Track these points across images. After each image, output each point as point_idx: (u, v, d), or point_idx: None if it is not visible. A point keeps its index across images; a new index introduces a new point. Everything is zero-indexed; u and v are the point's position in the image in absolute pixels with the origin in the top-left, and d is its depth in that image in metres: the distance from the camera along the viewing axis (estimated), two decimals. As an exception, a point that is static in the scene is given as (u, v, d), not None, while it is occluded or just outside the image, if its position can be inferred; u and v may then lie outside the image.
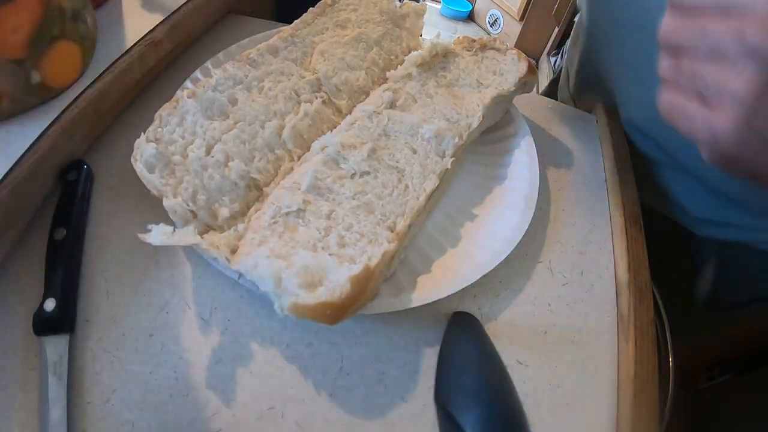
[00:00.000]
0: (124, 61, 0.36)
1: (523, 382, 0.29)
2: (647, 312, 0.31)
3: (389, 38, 0.41)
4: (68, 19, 0.33)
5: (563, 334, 0.31)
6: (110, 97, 0.36)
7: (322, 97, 0.36)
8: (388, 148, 0.33)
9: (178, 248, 0.32)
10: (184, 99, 0.32)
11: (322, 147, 0.32)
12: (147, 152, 0.29)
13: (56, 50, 0.32)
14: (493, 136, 0.40)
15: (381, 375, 0.28)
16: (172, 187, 0.28)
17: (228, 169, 0.30)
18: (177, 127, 0.31)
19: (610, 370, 0.30)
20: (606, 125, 0.44)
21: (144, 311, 0.29)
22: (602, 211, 0.39)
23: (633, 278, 0.33)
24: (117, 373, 0.27)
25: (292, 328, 0.30)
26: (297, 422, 0.26)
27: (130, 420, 0.25)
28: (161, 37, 0.39)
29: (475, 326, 0.30)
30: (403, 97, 0.36)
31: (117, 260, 0.31)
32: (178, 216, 0.28)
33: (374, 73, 0.39)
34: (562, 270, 0.34)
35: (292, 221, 0.28)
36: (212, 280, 0.31)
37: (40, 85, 0.32)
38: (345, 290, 0.24)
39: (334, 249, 0.27)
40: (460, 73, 0.39)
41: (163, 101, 0.32)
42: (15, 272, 0.29)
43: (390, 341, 0.30)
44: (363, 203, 0.29)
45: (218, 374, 0.27)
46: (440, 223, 0.34)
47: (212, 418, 0.26)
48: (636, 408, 0.27)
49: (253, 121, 0.32)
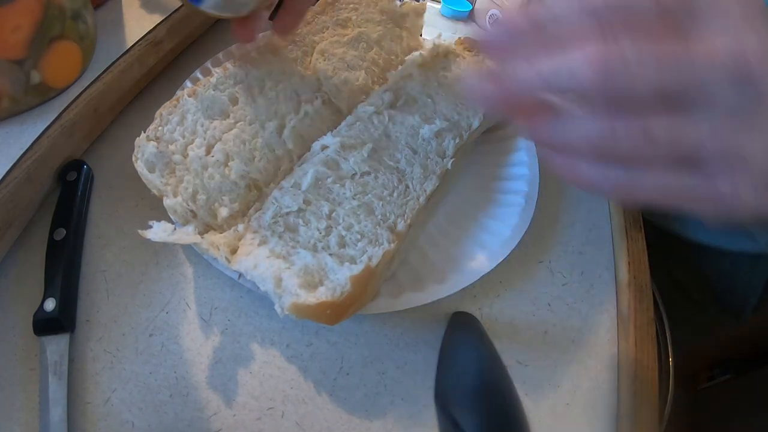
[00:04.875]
0: (124, 61, 0.36)
1: (523, 382, 0.29)
2: (647, 312, 0.31)
3: (389, 38, 0.41)
4: (68, 19, 0.33)
5: (563, 334, 0.31)
6: (110, 97, 0.36)
7: (323, 97, 0.35)
8: (388, 148, 0.33)
9: (178, 248, 0.32)
10: (184, 98, 0.32)
11: (323, 147, 0.32)
12: (147, 151, 0.29)
13: (56, 50, 0.32)
14: (494, 136, 0.40)
15: (381, 375, 0.28)
16: (173, 187, 0.28)
17: (228, 168, 0.30)
18: (177, 126, 0.31)
19: (610, 370, 0.30)
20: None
21: (144, 311, 0.29)
22: (602, 211, 0.39)
23: (633, 278, 0.33)
24: (117, 373, 0.27)
25: (292, 328, 0.30)
26: (297, 422, 0.26)
27: (130, 420, 0.25)
28: (161, 37, 0.39)
29: (475, 326, 0.30)
30: (404, 98, 0.36)
31: (117, 260, 0.31)
32: (178, 215, 0.28)
33: (374, 73, 0.39)
34: (562, 270, 0.34)
35: (292, 221, 0.28)
36: (212, 280, 0.31)
37: (40, 85, 0.32)
38: (345, 290, 0.24)
39: (335, 249, 0.27)
40: (461, 74, 0.39)
41: (163, 101, 0.32)
42: (15, 272, 0.29)
43: (390, 341, 0.30)
44: (363, 203, 0.29)
45: (218, 374, 0.27)
46: (440, 223, 0.34)
47: (212, 418, 0.26)
48: (636, 408, 0.27)
49: (253, 120, 0.32)
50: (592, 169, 0.17)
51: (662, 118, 0.15)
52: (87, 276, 0.30)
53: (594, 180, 0.17)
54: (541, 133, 0.18)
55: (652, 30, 0.14)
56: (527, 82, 0.16)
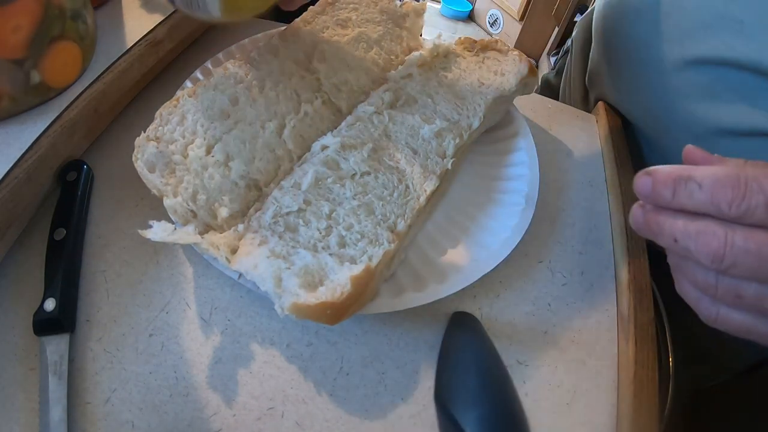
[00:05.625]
0: (124, 61, 0.36)
1: (523, 382, 0.29)
2: (647, 312, 0.31)
3: (389, 38, 0.41)
4: (68, 19, 0.33)
5: (563, 334, 0.31)
6: (110, 97, 0.36)
7: (322, 97, 0.35)
8: (388, 148, 0.33)
9: (178, 248, 0.32)
10: (184, 98, 0.32)
11: (323, 147, 0.32)
12: (148, 151, 0.29)
13: (56, 50, 0.32)
14: (494, 137, 0.40)
15: (381, 375, 0.28)
16: (173, 187, 0.29)
17: (228, 168, 0.30)
18: (177, 126, 0.31)
19: (610, 370, 0.30)
20: (606, 125, 0.44)
21: (144, 311, 0.29)
22: (602, 211, 0.39)
23: (633, 278, 0.33)
24: (117, 373, 0.27)
25: (292, 328, 0.30)
26: (297, 422, 0.26)
27: (130, 420, 0.25)
28: (161, 37, 0.39)
29: (475, 326, 0.30)
30: (404, 98, 0.36)
31: (117, 260, 0.31)
32: (178, 215, 0.28)
33: (374, 73, 0.39)
34: (562, 270, 0.34)
35: (292, 221, 0.28)
36: (212, 280, 0.31)
37: (40, 85, 0.32)
38: (346, 290, 0.24)
39: (335, 249, 0.27)
40: (461, 74, 0.39)
41: (163, 101, 0.32)
42: (15, 272, 0.29)
43: (390, 341, 0.30)
44: (363, 203, 0.29)
45: (218, 374, 0.27)
46: (440, 224, 0.34)
47: (212, 418, 0.26)
48: (636, 408, 0.27)
49: (253, 121, 0.32)
50: (693, 291, 0.23)
51: (753, 286, 0.20)
52: (87, 276, 0.30)
53: (690, 299, 0.23)
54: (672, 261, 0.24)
55: (763, 224, 0.19)
56: (663, 233, 0.22)
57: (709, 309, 0.22)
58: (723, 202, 0.19)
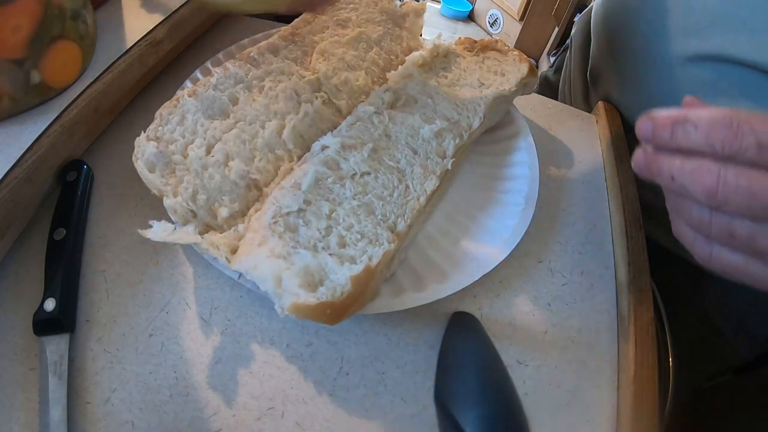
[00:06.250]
0: (124, 61, 0.36)
1: (523, 382, 0.29)
2: (647, 312, 0.31)
3: (389, 38, 0.41)
4: (68, 19, 0.33)
5: (563, 334, 0.31)
6: (110, 97, 0.36)
7: (322, 97, 0.35)
8: (388, 148, 0.33)
9: (178, 248, 0.32)
10: (184, 98, 0.32)
11: (323, 147, 0.32)
12: (148, 151, 0.29)
13: (56, 50, 0.32)
14: (494, 137, 0.40)
15: (381, 375, 0.28)
16: (173, 187, 0.29)
17: (228, 168, 0.30)
18: (177, 126, 0.31)
19: (610, 370, 0.30)
20: (606, 125, 0.44)
21: (144, 311, 0.29)
22: (602, 211, 0.39)
23: (633, 278, 0.33)
24: (117, 373, 0.27)
25: (292, 328, 0.30)
26: (297, 422, 0.26)
27: (130, 420, 0.25)
28: (161, 37, 0.39)
29: (475, 326, 0.30)
30: (404, 98, 0.36)
31: (117, 260, 0.31)
32: (178, 215, 0.28)
33: (374, 73, 0.39)
34: (562, 270, 0.34)
35: (292, 221, 0.28)
36: (212, 280, 0.31)
37: (40, 85, 0.32)
38: (346, 290, 0.24)
39: (335, 249, 0.27)
40: (461, 74, 0.39)
41: (163, 101, 0.32)
42: (15, 272, 0.29)
43: (390, 341, 0.30)
44: (363, 203, 0.29)
45: (218, 374, 0.27)
46: (440, 224, 0.34)
47: (212, 418, 0.26)
48: (636, 408, 0.27)
49: (253, 120, 0.32)
50: (689, 231, 0.23)
51: (745, 224, 0.21)
52: (87, 276, 0.30)
53: (686, 240, 0.24)
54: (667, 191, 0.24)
55: (754, 163, 0.20)
56: (662, 172, 0.23)
57: (703, 248, 0.23)
58: (717, 142, 0.20)
